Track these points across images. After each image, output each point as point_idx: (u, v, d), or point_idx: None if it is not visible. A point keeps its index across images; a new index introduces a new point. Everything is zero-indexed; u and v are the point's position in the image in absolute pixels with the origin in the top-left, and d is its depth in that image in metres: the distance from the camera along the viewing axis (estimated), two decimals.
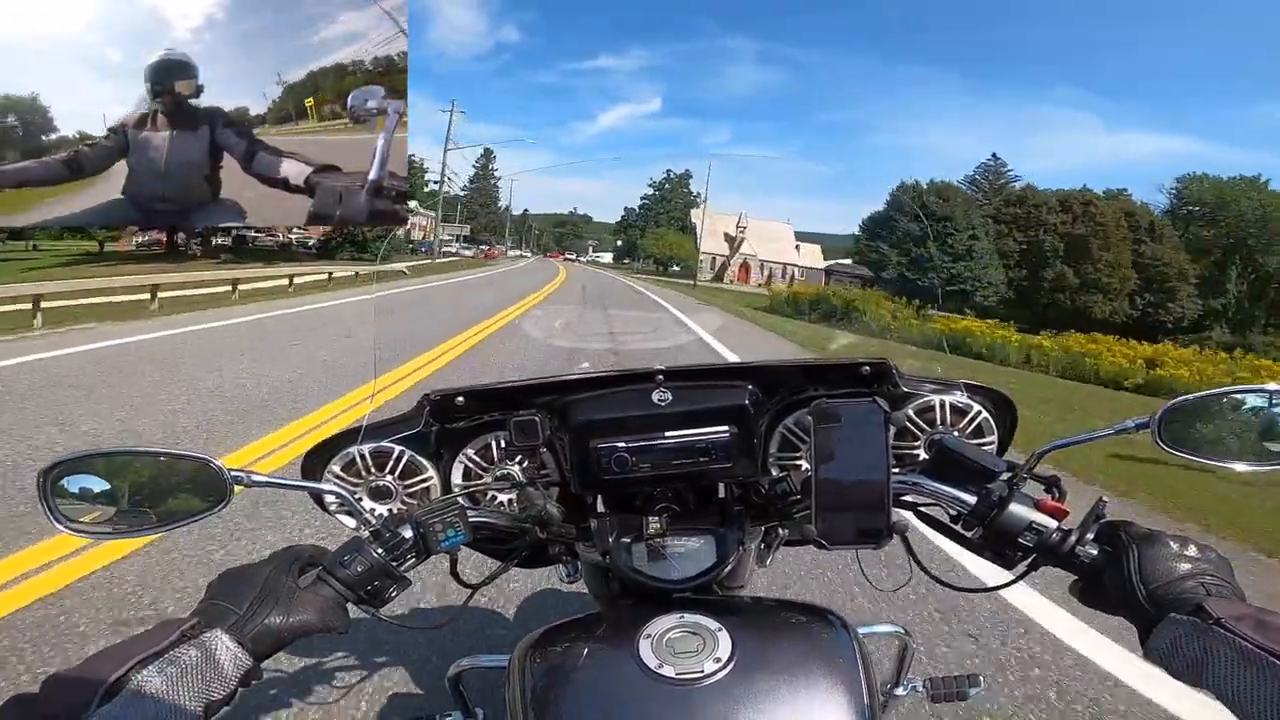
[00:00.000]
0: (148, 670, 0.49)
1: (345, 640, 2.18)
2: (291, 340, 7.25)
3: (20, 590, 2.38)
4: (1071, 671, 2.09)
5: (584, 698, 0.59)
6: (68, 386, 4.78)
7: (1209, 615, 0.52)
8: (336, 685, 2.03)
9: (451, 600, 0.91)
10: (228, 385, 5.07)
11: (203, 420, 4.15)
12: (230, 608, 0.57)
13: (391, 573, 0.66)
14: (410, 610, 2.33)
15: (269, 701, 1.93)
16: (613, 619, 0.73)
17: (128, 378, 5.15)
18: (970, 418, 0.88)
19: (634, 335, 3.66)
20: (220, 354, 6.48)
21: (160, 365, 5.74)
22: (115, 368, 5.51)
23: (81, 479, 0.65)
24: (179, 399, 4.61)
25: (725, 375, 0.87)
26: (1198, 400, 0.71)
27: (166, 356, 6.21)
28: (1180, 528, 4.14)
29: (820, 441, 0.66)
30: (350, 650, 2.16)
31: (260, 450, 3.66)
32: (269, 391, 4.94)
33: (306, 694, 1.98)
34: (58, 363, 5.51)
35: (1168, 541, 0.59)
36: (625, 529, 0.81)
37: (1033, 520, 0.66)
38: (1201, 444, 0.71)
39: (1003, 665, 2.08)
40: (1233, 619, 0.50)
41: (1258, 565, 3.39)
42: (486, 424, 0.89)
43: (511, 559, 0.85)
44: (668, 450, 0.79)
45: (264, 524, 2.77)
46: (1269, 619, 0.50)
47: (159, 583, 2.38)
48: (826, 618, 0.67)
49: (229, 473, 0.65)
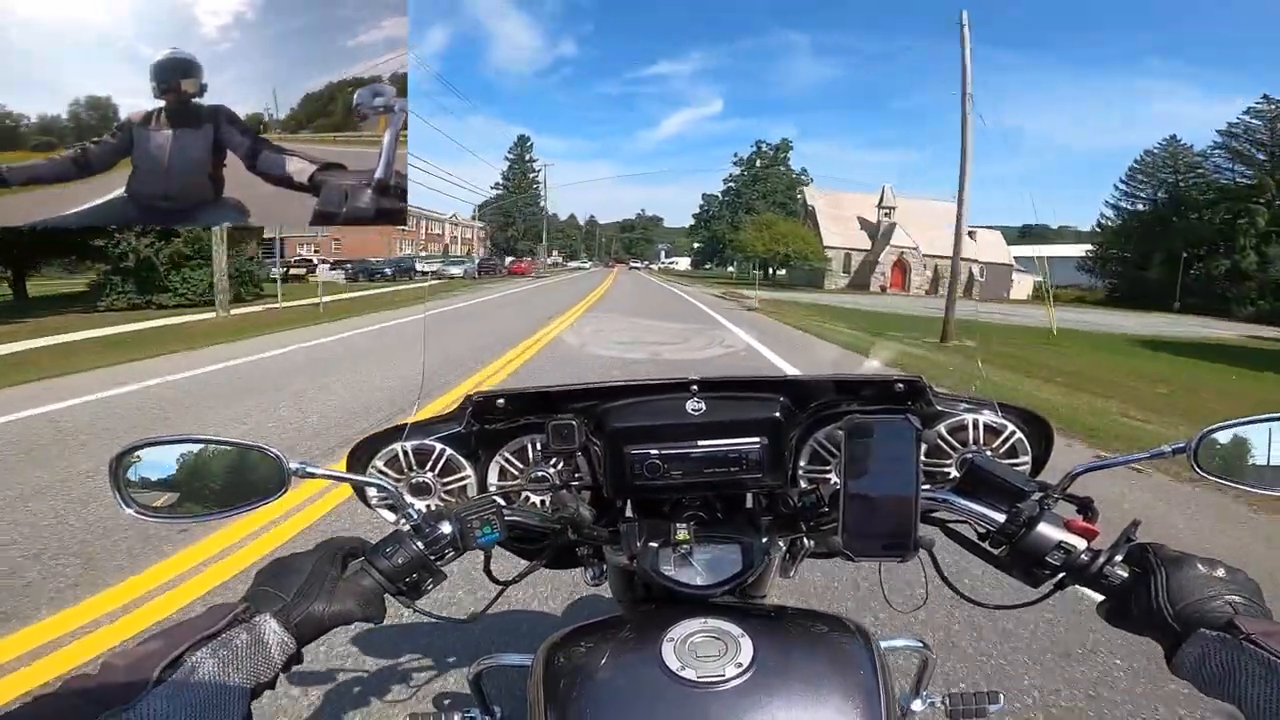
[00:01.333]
0: (201, 652, 0.51)
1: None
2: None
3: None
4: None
5: (604, 697, 0.59)
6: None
7: (1239, 631, 0.52)
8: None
9: (479, 598, 0.92)
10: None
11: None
12: (278, 594, 0.59)
13: (430, 566, 0.67)
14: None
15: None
16: (637, 622, 0.73)
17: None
18: (1004, 438, 0.87)
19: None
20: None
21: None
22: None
23: (149, 465, 0.68)
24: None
25: (759, 387, 0.87)
26: (1235, 426, 0.70)
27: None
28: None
29: (851, 455, 0.66)
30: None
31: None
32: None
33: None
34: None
35: (1197, 564, 0.60)
36: (653, 534, 0.81)
37: (1061, 540, 0.65)
38: (1238, 470, 0.70)
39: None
40: (1263, 635, 0.51)
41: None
42: (524, 426, 0.90)
43: (542, 559, 0.87)
44: (699, 459, 0.80)
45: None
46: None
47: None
48: (848, 628, 0.67)
49: (288, 465, 0.68)
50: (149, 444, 0.68)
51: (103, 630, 2.35)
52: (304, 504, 3.39)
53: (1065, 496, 0.71)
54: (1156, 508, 3.73)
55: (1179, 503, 3.87)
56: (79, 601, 2.55)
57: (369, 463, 0.87)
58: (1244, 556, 3.09)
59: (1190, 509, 3.76)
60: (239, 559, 2.88)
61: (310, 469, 0.69)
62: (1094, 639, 2.29)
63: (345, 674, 2.07)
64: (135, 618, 2.44)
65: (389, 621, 0.69)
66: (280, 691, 1.96)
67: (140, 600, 2.57)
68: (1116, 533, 0.66)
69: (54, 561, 2.86)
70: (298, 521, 3.26)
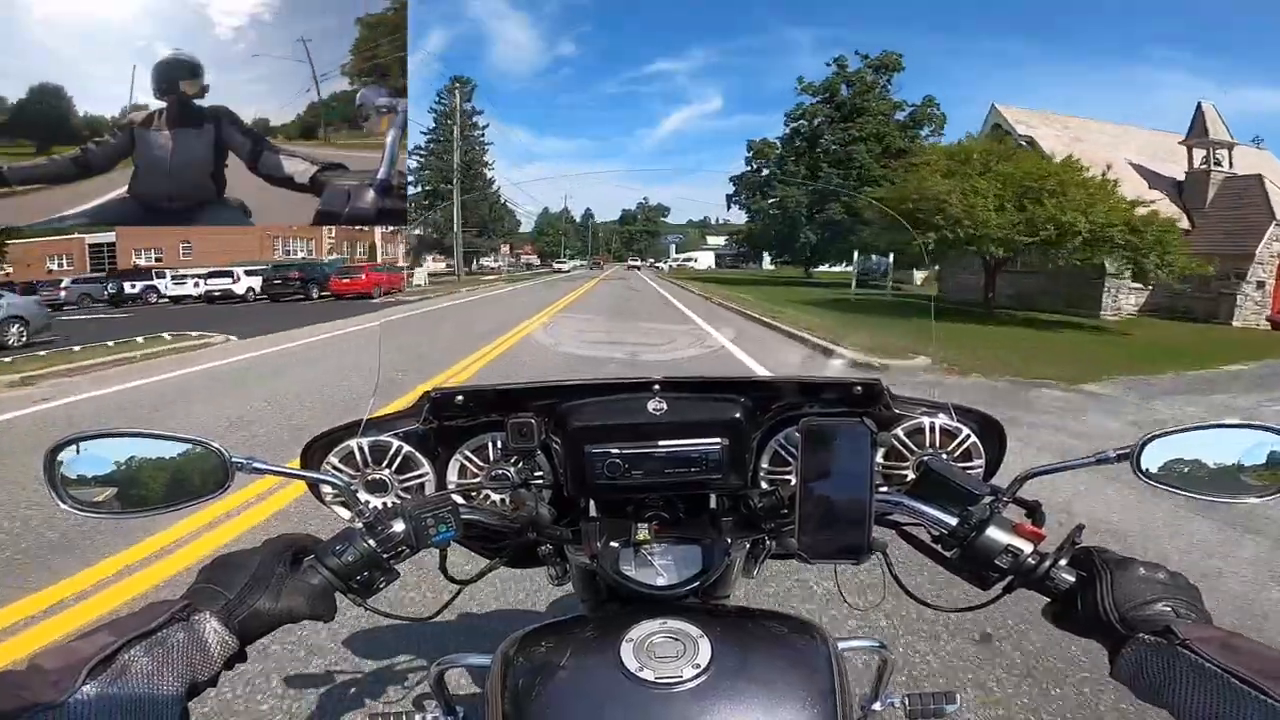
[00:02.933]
0: (135, 649, 0.50)
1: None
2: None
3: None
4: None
5: (563, 698, 0.59)
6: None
7: (1175, 636, 0.53)
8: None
9: (443, 596, 0.90)
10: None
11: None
12: (221, 591, 0.58)
13: (381, 564, 0.67)
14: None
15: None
16: (597, 622, 0.73)
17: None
18: (960, 441, 0.88)
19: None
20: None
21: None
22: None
23: (87, 460, 0.66)
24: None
25: (720, 388, 0.87)
26: (1177, 432, 0.71)
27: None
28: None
29: (807, 458, 0.67)
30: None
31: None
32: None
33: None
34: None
35: (1139, 567, 0.61)
36: (614, 534, 0.81)
37: (1009, 543, 0.66)
38: (1180, 475, 0.72)
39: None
40: (1199, 640, 0.51)
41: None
42: (485, 424, 0.89)
43: (501, 558, 0.87)
44: (660, 459, 0.80)
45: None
46: (1235, 641, 0.51)
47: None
48: (806, 629, 0.68)
49: (231, 459, 0.67)
50: (86, 437, 0.66)
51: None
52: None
53: (1014, 500, 0.72)
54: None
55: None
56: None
57: (324, 459, 0.86)
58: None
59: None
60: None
61: (257, 464, 0.68)
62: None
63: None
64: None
65: (350, 621, 0.68)
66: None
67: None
68: (1063, 536, 0.67)
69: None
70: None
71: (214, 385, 6.93)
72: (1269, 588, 2.78)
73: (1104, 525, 3.34)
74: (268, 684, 2.01)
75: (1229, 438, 0.72)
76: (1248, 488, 0.71)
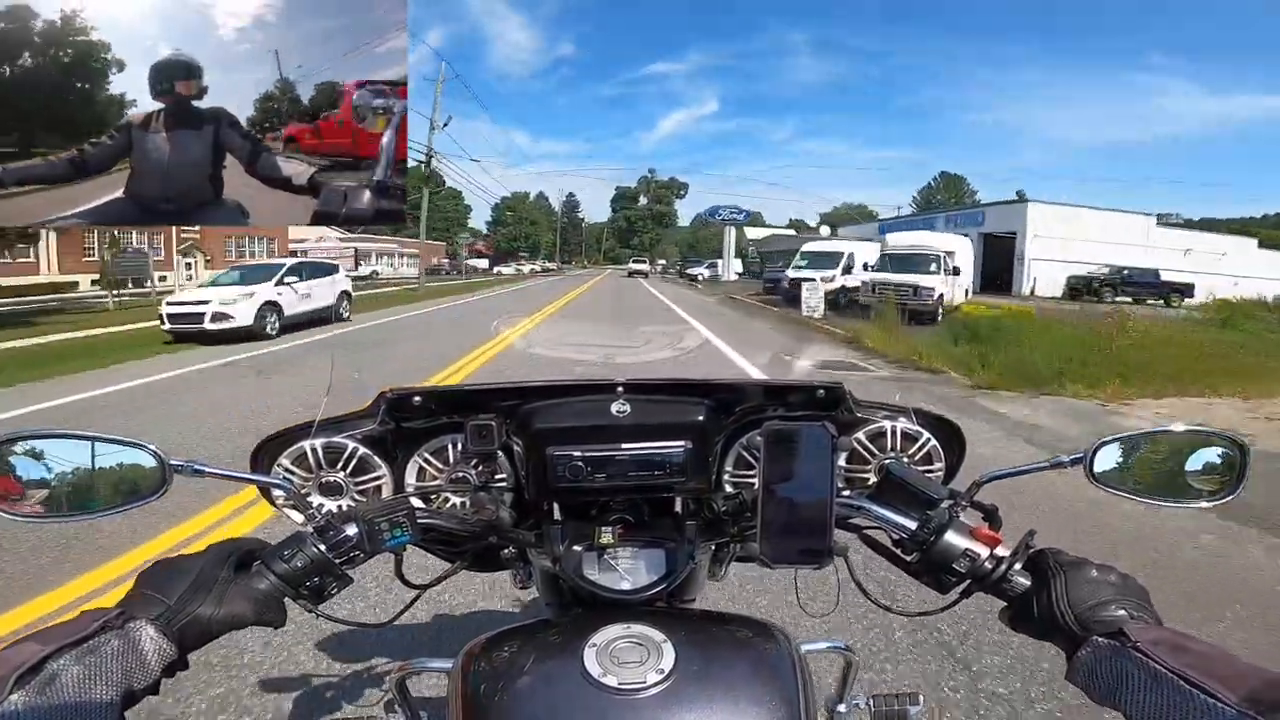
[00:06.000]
0: (65, 658, 0.49)
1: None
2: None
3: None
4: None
5: (525, 704, 0.59)
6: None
7: (1128, 639, 0.54)
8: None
9: (404, 601, 0.90)
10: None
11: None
12: (159, 597, 0.56)
13: (333, 569, 0.65)
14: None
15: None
16: (561, 627, 0.73)
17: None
18: (920, 444, 0.89)
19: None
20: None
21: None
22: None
23: (17, 461, 0.64)
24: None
25: (685, 391, 0.86)
26: (1128, 438, 0.73)
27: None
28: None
29: (769, 460, 0.66)
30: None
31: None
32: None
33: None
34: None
35: (1092, 569, 0.62)
36: (577, 537, 0.81)
37: (967, 548, 0.67)
38: (1130, 480, 0.74)
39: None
40: (1150, 643, 0.52)
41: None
42: (444, 425, 0.88)
43: (462, 562, 0.85)
44: (623, 462, 0.79)
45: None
46: (1185, 643, 0.52)
47: None
48: (770, 633, 0.68)
49: (170, 462, 0.65)
50: (16, 438, 0.64)
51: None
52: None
53: (973, 504, 0.73)
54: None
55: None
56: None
57: (275, 461, 0.83)
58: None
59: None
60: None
61: (199, 467, 0.66)
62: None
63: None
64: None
65: (311, 627, 0.66)
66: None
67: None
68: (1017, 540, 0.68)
69: None
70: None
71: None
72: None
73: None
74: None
75: (1177, 443, 0.74)
76: (1197, 493, 0.73)
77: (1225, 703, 0.46)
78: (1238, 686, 0.46)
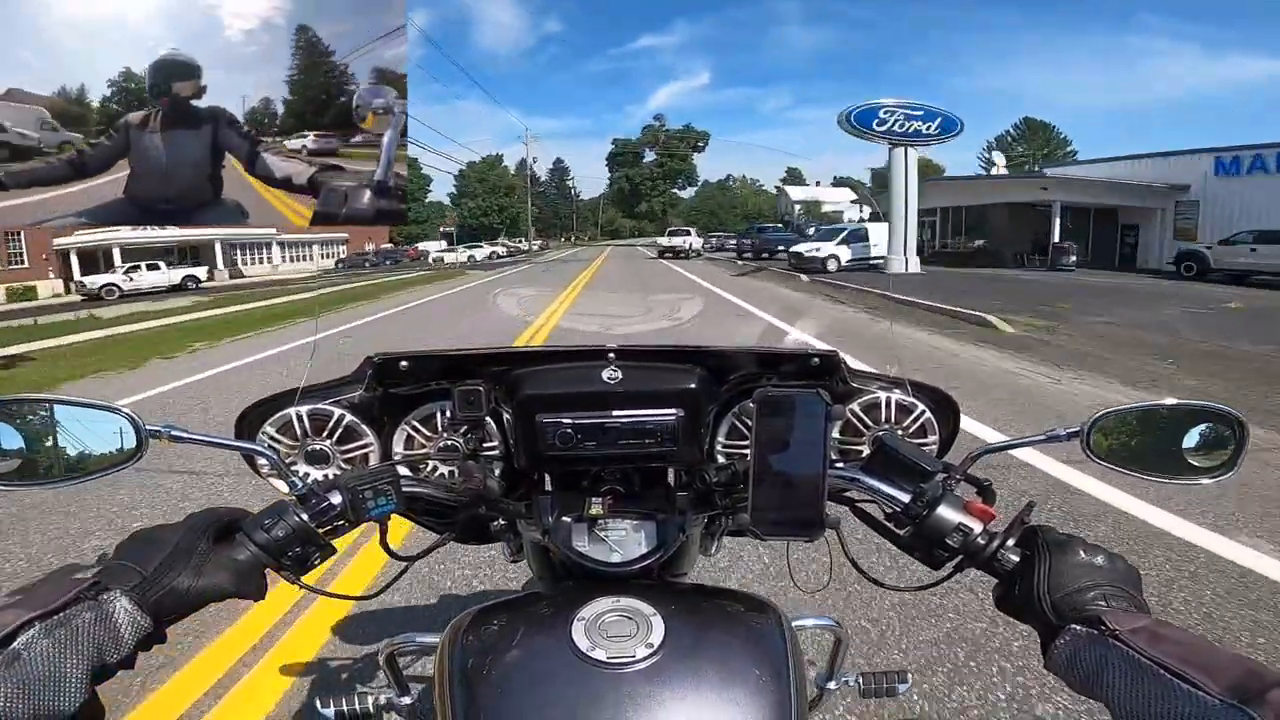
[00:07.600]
0: (34, 631, 0.47)
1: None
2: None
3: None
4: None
5: (512, 678, 0.58)
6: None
7: (1107, 627, 0.53)
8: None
9: (392, 573, 0.88)
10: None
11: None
12: (135, 568, 0.55)
13: (316, 539, 0.64)
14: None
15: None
16: (549, 600, 0.72)
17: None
18: (915, 416, 0.87)
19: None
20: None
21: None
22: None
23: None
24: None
25: (677, 357, 0.84)
26: (1126, 412, 0.72)
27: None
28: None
29: (761, 427, 0.65)
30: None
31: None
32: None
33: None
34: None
35: (1079, 550, 0.60)
36: (567, 508, 0.79)
37: (960, 522, 0.65)
38: (1127, 455, 0.72)
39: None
40: (1129, 631, 0.52)
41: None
42: (433, 392, 0.86)
43: (450, 533, 0.83)
44: (614, 430, 0.77)
45: None
46: (1165, 631, 0.51)
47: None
48: (761, 608, 0.67)
49: (146, 427, 0.63)
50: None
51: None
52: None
53: (966, 478, 0.71)
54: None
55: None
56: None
57: (260, 428, 0.82)
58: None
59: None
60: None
61: (177, 432, 0.63)
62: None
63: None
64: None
65: (301, 600, 0.66)
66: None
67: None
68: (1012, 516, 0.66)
69: None
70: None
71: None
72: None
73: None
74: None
75: (1176, 416, 0.72)
76: (1195, 469, 0.71)
77: (1206, 691, 0.45)
78: (1218, 676, 0.46)
